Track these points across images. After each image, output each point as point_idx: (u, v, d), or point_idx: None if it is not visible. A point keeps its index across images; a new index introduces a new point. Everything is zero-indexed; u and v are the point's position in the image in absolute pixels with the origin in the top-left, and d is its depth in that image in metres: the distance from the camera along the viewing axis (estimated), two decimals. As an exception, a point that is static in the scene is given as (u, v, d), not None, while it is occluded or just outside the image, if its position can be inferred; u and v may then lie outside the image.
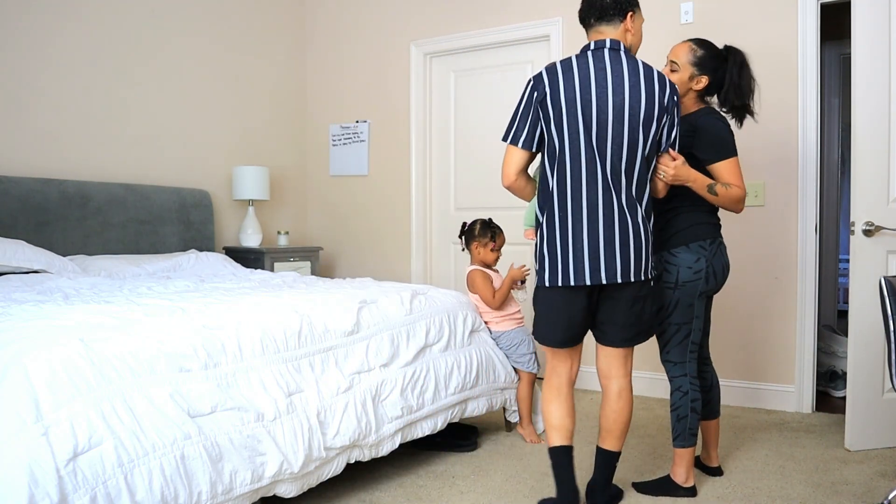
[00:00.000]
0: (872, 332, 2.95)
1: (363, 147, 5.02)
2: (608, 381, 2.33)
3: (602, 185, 2.12)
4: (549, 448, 2.28)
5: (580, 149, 2.12)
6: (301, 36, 5.24)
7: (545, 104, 2.14)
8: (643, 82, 2.13)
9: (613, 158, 2.12)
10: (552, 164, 2.17)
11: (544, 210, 2.20)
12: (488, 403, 3.03)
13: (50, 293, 2.71)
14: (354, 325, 2.54)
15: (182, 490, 1.80)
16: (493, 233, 3.31)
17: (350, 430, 2.32)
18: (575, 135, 2.12)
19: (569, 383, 2.32)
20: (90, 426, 1.70)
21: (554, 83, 2.13)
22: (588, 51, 2.19)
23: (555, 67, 2.17)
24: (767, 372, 3.72)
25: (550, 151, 2.17)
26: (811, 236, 3.60)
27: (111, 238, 3.90)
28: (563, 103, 2.11)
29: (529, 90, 2.19)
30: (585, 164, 2.12)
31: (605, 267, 2.12)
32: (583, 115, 2.11)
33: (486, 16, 4.48)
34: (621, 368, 2.31)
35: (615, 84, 2.11)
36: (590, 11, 2.22)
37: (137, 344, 1.94)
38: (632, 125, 2.12)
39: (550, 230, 2.17)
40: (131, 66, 4.14)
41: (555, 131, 2.14)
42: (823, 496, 2.47)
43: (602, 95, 2.11)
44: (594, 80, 2.12)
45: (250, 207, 4.60)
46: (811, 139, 3.58)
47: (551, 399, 2.29)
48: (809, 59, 3.56)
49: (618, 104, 2.11)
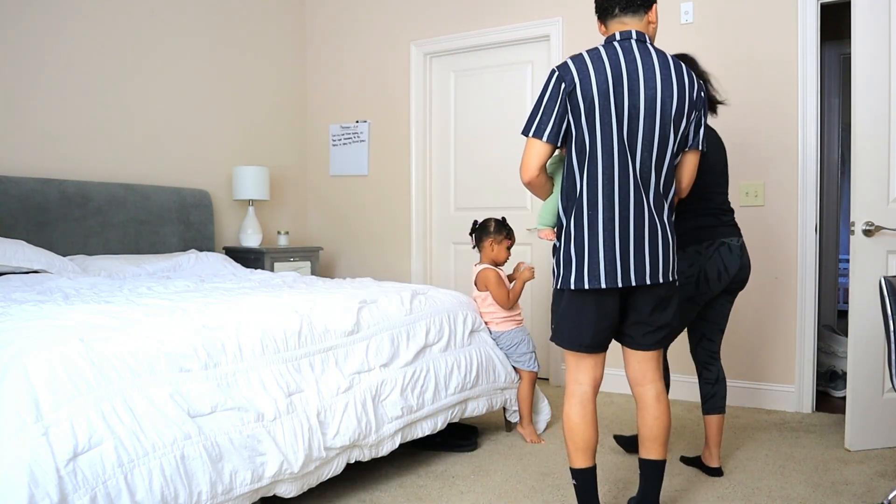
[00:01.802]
0: (872, 332, 2.95)
1: (363, 147, 5.02)
2: (642, 387, 2.17)
3: (633, 183, 2.00)
4: (575, 470, 2.10)
5: (612, 144, 1.99)
6: (301, 36, 5.24)
7: (574, 96, 1.99)
8: (674, 76, 2.04)
9: (644, 155, 2.01)
10: (581, 161, 2.02)
11: (570, 209, 2.05)
12: (488, 403, 3.03)
13: (50, 293, 2.71)
14: (354, 325, 2.54)
15: (182, 490, 1.80)
16: (509, 231, 3.32)
17: (350, 430, 2.32)
18: (607, 129, 1.99)
19: (593, 394, 2.13)
20: (90, 426, 1.70)
21: (584, 74, 1.98)
22: (615, 41, 2.06)
23: (582, 58, 2.02)
24: (767, 372, 3.72)
25: (579, 147, 2.02)
26: (811, 236, 3.60)
27: (111, 238, 3.90)
28: (596, 95, 1.97)
29: (555, 81, 2.02)
30: (618, 161, 1.99)
31: (635, 268, 2.01)
32: (616, 108, 1.98)
33: (486, 16, 4.48)
34: (655, 372, 2.18)
35: (647, 77, 2.00)
36: (612, 1, 2.10)
37: (137, 344, 1.94)
38: (663, 120, 2.02)
39: (579, 230, 2.02)
40: (131, 66, 4.14)
41: (585, 125, 2.00)
42: (823, 496, 2.47)
43: (634, 88, 1.99)
44: (626, 71, 1.99)
45: (250, 207, 4.60)
46: (811, 139, 3.57)
47: (575, 414, 2.10)
48: (809, 59, 3.56)
49: (650, 98, 2.00)
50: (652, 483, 2.16)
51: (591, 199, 2.01)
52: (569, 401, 2.12)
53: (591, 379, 2.13)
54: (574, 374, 2.14)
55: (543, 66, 4.35)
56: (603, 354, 2.14)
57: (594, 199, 2.00)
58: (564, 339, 2.13)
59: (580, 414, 2.10)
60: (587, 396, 2.11)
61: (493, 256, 3.28)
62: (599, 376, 2.14)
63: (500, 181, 4.54)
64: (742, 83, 3.70)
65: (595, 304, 2.05)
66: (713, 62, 3.68)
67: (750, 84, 3.69)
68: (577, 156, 2.03)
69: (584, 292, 2.04)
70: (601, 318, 2.07)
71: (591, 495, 2.10)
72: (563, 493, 2.53)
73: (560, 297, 2.12)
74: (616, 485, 2.60)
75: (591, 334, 2.08)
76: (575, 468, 2.10)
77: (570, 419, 2.10)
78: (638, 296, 2.10)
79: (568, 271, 2.04)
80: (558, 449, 3.02)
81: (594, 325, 2.07)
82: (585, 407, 2.10)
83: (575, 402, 2.11)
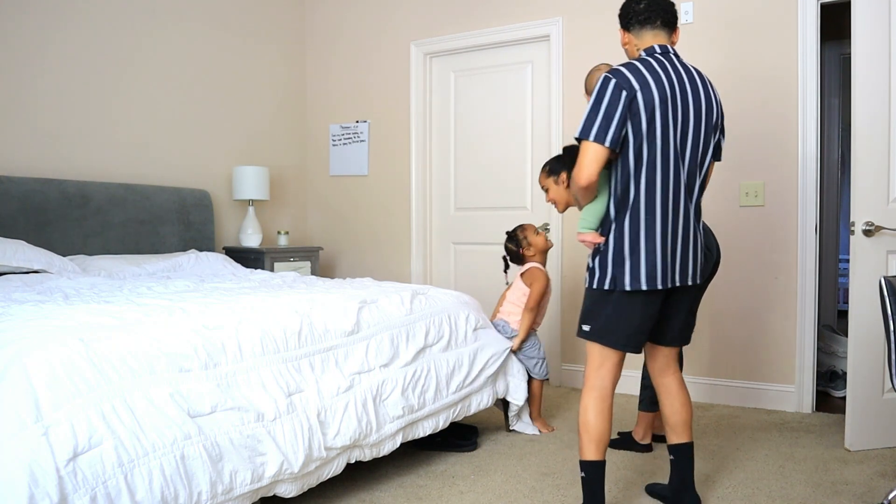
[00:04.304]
0: (872, 332, 2.95)
1: (363, 147, 5.02)
2: (665, 377, 2.33)
3: (683, 191, 2.13)
4: (585, 462, 2.15)
5: (669, 152, 2.09)
6: (301, 36, 5.24)
7: (636, 104, 2.04)
8: (709, 89, 2.18)
9: (691, 163, 2.15)
10: (637, 167, 2.08)
11: (623, 213, 2.11)
12: (492, 395, 3.05)
13: (50, 293, 2.71)
14: (354, 325, 2.54)
15: (182, 490, 1.80)
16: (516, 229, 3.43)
17: (351, 430, 2.32)
18: (665, 137, 2.07)
19: (613, 391, 2.21)
20: (90, 426, 1.70)
21: (643, 82, 2.05)
22: (656, 54, 2.15)
23: (636, 67, 2.09)
24: (767, 372, 3.72)
25: (636, 153, 2.08)
26: (811, 236, 3.60)
27: (111, 238, 3.89)
28: (657, 103, 2.05)
29: (614, 88, 2.05)
30: (673, 169, 2.10)
31: (681, 270, 2.16)
32: (673, 117, 2.08)
33: (486, 16, 4.48)
34: (676, 364, 2.35)
35: (692, 88, 2.12)
36: (657, 13, 2.18)
37: (137, 344, 1.94)
38: (707, 130, 2.16)
39: (634, 234, 2.10)
40: (131, 66, 4.14)
41: (645, 133, 2.06)
42: (823, 496, 2.47)
43: (684, 99, 2.10)
44: (676, 82, 2.10)
45: (250, 207, 4.60)
46: (811, 139, 3.57)
47: (593, 407, 2.16)
48: (809, 58, 3.56)
49: (696, 108, 2.12)
50: (687, 465, 2.29)
51: (649, 205, 2.10)
52: (589, 394, 2.18)
53: (613, 377, 2.21)
54: (598, 371, 2.19)
55: (543, 66, 4.35)
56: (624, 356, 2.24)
57: (651, 206, 2.10)
58: (607, 337, 2.18)
59: (599, 409, 2.16)
60: (607, 392, 2.19)
61: (540, 247, 3.38)
62: (619, 376, 2.23)
63: (500, 181, 4.54)
64: (742, 83, 3.70)
65: (643, 304, 2.14)
66: (713, 62, 3.69)
67: (750, 84, 3.69)
68: (634, 162, 2.09)
69: (634, 293, 2.12)
70: (647, 319, 2.17)
71: (598, 488, 2.16)
72: (563, 493, 2.53)
73: (604, 297, 2.17)
74: (616, 484, 2.60)
75: (636, 333, 2.18)
76: (586, 460, 2.15)
77: (587, 412, 2.16)
78: (679, 296, 2.24)
79: (621, 272, 2.12)
80: (558, 449, 3.02)
81: (640, 325, 2.17)
82: (605, 402, 2.17)
83: (595, 395, 2.17)
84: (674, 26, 2.22)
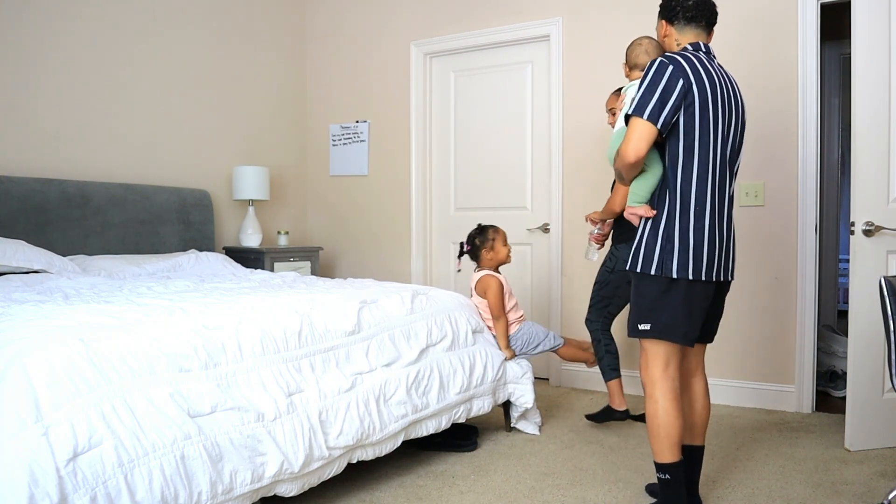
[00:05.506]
0: (872, 332, 2.95)
1: (363, 147, 5.02)
2: (694, 378, 2.32)
3: (727, 184, 2.17)
4: (666, 464, 2.11)
5: (717, 145, 2.12)
6: (301, 36, 5.24)
7: (691, 95, 2.07)
8: (739, 91, 2.23)
9: (730, 158, 2.18)
10: (688, 156, 2.10)
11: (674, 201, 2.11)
12: (493, 400, 3.05)
13: (50, 293, 2.71)
14: (355, 325, 2.54)
15: (182, 490, 1.80)
16: (490, 229, 3.33)
17: (353, 430, 2.32)
18: (716, 130, 2.11)
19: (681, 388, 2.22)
20: (90, 426, 1.70)
21: (697, 74, 2.09)
22: (700, 52, 2.19)
23: (691, 60, 2.11)
24: (767, 372, 3.72)
25: (687, 143, 2.10)
26: (811, 236, 3.60)
27: (111, 238, 3.89)
28: (709, 99, 2.09)
29: (672, 73, 2.06)
30: (719, 162, 2.13)
31: (726, 264, 2.19)
32: (721, 109, 2.13)
33: (487, 16, 4.48)
34: (702, 363, 2.35)
35: (730, 90, 2.18)
36: (704, 12, 2.22)
37: (137, 344, 1.94)
38: (740, 130, 2.21)
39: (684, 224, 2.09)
40: (131, 66, 4.14)
41: (698, 123, 2.09)
42: (823, 496, 2.47)
43: (724, 94, 2.14)
44: (717, 81, 2.14)
45: (250, 207, 4.60)
46: (811, 139, 3.57)
47: (673, 409, 2.11)
48: (809, 58, 3.56)
49: (732, 109, 2.17)
50: (696, 468, 2.33)
51: (700, 196, 2.11)
52: (664, 396, 2.13)
53: (677, 373, 2.19)
54: (665, 370, 2.15)
55: (543, 66, 4.35)
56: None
57: (702, 197, 2.11)
58: (674, 333, 2.13)
59: (677, 409, 2.13)
60: (678, 392, 2.17)
61: (499, 260, 3.31)
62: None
63: (500, 181, 4.54)
64: (742, 83, 3.68)
65: (703, 295, 2.15)
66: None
67: (750, 84, 3.69)
68: (685, 151, 2.11)
69: (695, 283, 2.11)
70: (704, 310, 2.18)
71: (682, 488, 2.15)
72: (563, 493, 2.53)
73: (667, 291, 2.11)
74: (616, 485, 2.60)
75: (697, 326, 2.16)
76: (667, 462, 2.12)
77: (668, 414, 2.11)
78: (720, 290, 2.27)
79: (686, 259, 2.08)
80: (558, 449, 3.02)
81: (699, 317, 2.16)
82: (678, 401, 2.15)
83: (670, 397, 2.13)
84: (712, 28, 2.27)
